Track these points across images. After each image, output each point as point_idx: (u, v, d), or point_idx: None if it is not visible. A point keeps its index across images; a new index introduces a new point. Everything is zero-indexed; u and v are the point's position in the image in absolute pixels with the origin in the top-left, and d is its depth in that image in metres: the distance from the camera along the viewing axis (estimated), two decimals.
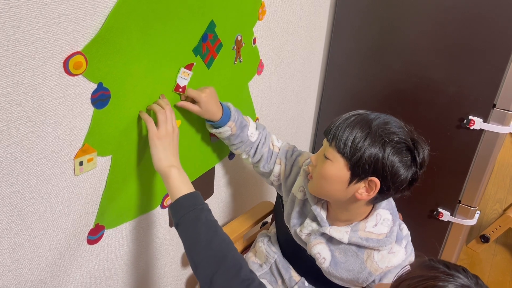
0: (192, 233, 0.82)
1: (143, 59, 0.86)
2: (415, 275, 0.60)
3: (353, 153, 0.86)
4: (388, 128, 0.87)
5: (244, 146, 1.10)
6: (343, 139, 0.87)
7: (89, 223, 0.90)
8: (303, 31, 1.45)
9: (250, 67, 1.24)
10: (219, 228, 0.84)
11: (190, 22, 0.94)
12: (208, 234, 0.82)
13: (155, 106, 0.91)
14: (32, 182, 0.74)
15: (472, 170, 1.48)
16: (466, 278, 0.58)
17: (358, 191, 0.89)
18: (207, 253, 0.79)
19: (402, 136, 0.86)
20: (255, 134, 1.11)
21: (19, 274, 0.79)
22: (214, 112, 1.01)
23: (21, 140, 0.70)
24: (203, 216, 0.84)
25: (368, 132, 0.86)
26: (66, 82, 0.73)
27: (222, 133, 1.05)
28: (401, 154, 0.86)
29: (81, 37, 0.73)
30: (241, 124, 1.07)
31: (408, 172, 0.87)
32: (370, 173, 0.87)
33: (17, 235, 0.75)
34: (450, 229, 1.63)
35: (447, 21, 1.38)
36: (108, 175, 0.89)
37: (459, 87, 1.42)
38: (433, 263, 0.61)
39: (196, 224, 0.82)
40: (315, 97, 1.76)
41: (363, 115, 0.90)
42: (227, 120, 1.04)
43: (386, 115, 0.91)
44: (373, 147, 0.85)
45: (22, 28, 0.64)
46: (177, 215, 0.84)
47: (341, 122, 0.90)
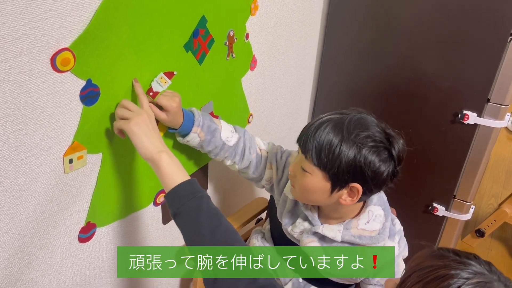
0: (194, 224, 0.77)
1: (133, 55, 0.85)
2: (425, 265, 0.58)
3: (330, 165, 0.85)
4: (361, 132, 0.84)
5: (222, 152, 1.03)
6: (317, 151, 0.85)
7: (80, 221, 0.89)
8: (296, 26, 1.44)
9: (243, 62, 1.23)
10: (222, 217, 0.79)
11: (181, 17, 0.93)
12: (211, 224, 0.77)
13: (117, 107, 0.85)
14: (21, 181, 0.74)
15: (467, 165, 1.48)
16: (479, 265, 0.56)
17: (341, 197, 0.89)
18: (211, 244, 0.75)
19: (377, 137, 0.85)
20: (233, 137, 1.04)
21: (9, 273, 0.78)
22: (178, 120, 0.94)
23: (8, 138, 0.69)
24: (204, 204, 0.79)
25: (342, 140, 0.84)
26: (54, 79, 0.72)
27: (190, 141, 0.98)
28: (379, 154, 0.84)
29: (69, 33, 0.72)
30: (210, 129, 0.99)
31: (387, 169, 0.86)
32: (350, 180, 0.86)
33: (6, 233, 0.75)
34: (445, 224, 1.63)
35: (441, 15, 1.37)
36: (98, 173, 0.88)
37: (454, 82, 1.41)
38: (443, 252, 0.60)
39: (198, 214, 0.77)
40: (310, 92, 1.75)
41: (334, 121, 0.86)
42: (190, 126, 0.96)
43: (358, 115, 0.88)
44: (349, 155, 0.83)
45: (8, 24, 0.63)
46: (175, 205, 0.79)
47: (312, 133, 0.86)
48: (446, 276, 0.55)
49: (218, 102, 1.17)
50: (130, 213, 1.01)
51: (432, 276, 0.56)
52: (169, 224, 1.16)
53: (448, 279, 0.54)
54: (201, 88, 1.09)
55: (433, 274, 0.56)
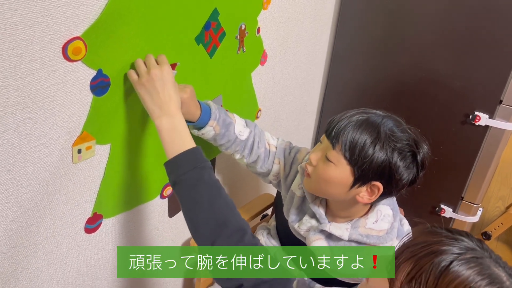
0: (193, 193, 0.75)
1: (144, 46, 0.84)
2: (418, 241, 0.59)
3: (361, 160, 0.85)
4: (395, 133, 0.85)
5: (234, 145, 1.03)
6: (351, 144, 0.85)
7: (87, 212, 0.89)
8: (308, 21, 1.43)
9: (253, 57, 1.22)
10: (222, 190, 0.78)
11: (193, 9, 0.92)
12: (211, 195, 0.76)
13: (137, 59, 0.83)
14: (29, 169, 0.73)
15: (476, 167, 1.46)
16: (471, 242, 0.57)
17: (359, 194, 0.88)
18: (209, 215, 0.74)
19: (408, 141, 0.86)
20: (245, 132, 1.04)
21: (15, 262, 0.78)
22: (193, 112, 0.93)
23: (18, 126, 0.69)
24: (206, 175, 0.77)
25: (377, 138, 0.84)
26: (65, 68, 0.72)
27: (205, 134, 0.97)
28: (405, 159, 0.86)
29: (81, 22, 0.71)
30: (225, 122, 0.98)
31: (410, 175, 0.87)
32: (375, 178, 0.86)
33: (13, 222, 0.74)
34: (451, 226, 1.61)
35: (454, 14, 1.35)
36: (106, 164, 0.88)
37: (465, 82, 1.40)
38: (436, 228, 0.61)
39: (197, 184, 0.76)
40: (319, 89, 1.74)
41: (369, 117, 0.87)
42: (207, 119, 0.95)
43: (391, 117, 0.89)
44: (382, 154, 0.84)
45: (20, 11, 0.62)
46: (175, 173, 0.77)
47: (346, 124, 0.86)
48: (438, 251, 0.56)
49: (227, 96, 1.16)
50: (137, 205, 1.01)
51: (425, 252, 0.57)
52: (175, 217, 1.16)
53: (441, 254, 0.55)
54: (211, 81, 1.08)
55: (426, 250, 0.57)
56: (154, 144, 0.97)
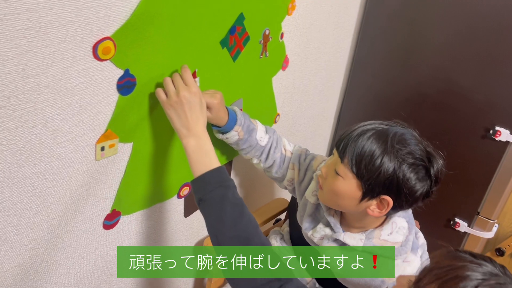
0: (217, 212, 0.78)
1: (171, 48, 0.85)
2: (442, 265, 0.59)
3: (367, 175, 0.83)
4: (404, 147, 0.83)
5: (254, 150, 1.05)
6: (357, 158, 0.84)
7: (106, 208, 0.90)
8: (331, 28, 1.43)
9: (275, 62, 1.22)
10: (245, 209, 0.81)
11: (220, 13, 0.93)
12: (234, 214, 0.78)
13: (165, 78, 0.85)
14: (54, 164, 0.75)
15: (494, 182, 1.44)
16: (494, 267, 0.57)
17: (369, 207, 0.88)
18: (232, 234, 0.77)
19: (418, 155, 0.83)
20: (265, 138, 1.06)
21: (36, 254, 0.79)
22: (221, 117, 0.96)
23: (46, 122, 0.70)
24: (230, 194, 0.80)
25: (384, 152, 0.82)
26: (94, 66, 0.73)
27: (229, 138, 1.00)
28: (417, 172, 0.83)
29: (112, 22, 0.72)
30: (249, 128, 1.02)
31: (423, 188, 0.85)
32: (383, 192, 0.85)
33: (36, 215, 0.76)
34: (466, 240, 1.60)
35: (479, 26, 1.34)
36: (128, 162, 0.89)
37: (487, 96, 1.38)
38: (459, 253, 0.61)
39: (222, 203, 0.79)
40: (338, 96, 1.73)
41: (378, 130, 0.85)
42: (233, 124, 0.99)
43: (403, 129, 0.87)
44: (388, 168, 0.82)
45: (55, 10, 0.63)
46: (201, 191, 0.81)
47: (354, 138, 0.85)
48: (463, 276, 0.56)
49: (247, 99, 1.17)
50: (154, 204, 1.02)
51: (449, 276, 0.57)
52: (190, 217, 1.17)
53: (465, 280, 0.56)
54: (233, 85, 1.08)
55: (451, 274, 0.57)
56: (174, 145, 0.98)
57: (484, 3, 1.31)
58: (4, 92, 0.62)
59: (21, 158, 0.69)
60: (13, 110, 0.65)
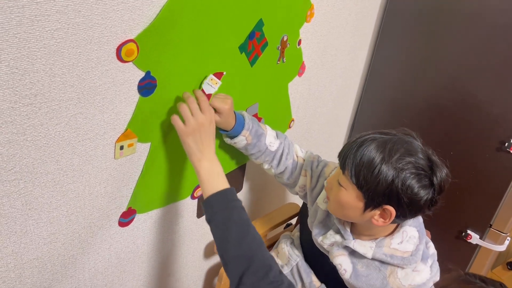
0: (223, 232, 0.82)
1: (191, 52, 0.87)
2: None
3: (366, 185, 0.84)
4: (404, 156, 0.82)
5: (263, 156, 1.06)
6: (356, 169, 0.84)
7: (122, 206, 0.92)
8: (348, 36, 1.44)
9: (292, 68, 1.23)
10: (251, 228, 0.84)
11: (240, 19, 0.95)
12: (239, 233, 0.82)
13: (181, 104, 0.88)
14: (75, 161, 0.77)
15: (508, 195, 1.43)
16: None
17: (374, 217, 0.88)
18: (236, 252, 0.80)
19: (419, 164, 0.83)
20: (275, 143, 1.07)
21: (53, 248, 0.82)
22: (229, 122, 0.98)
23: (69, 120, 0.72)
24: (235, 214, 0.83)
25: (382, 161, 0.82)
26: (117, 68, 0.75)
27: (237, 143, 1.02)
28: (419, 180, 0.82)
29: (136, 25, 0.74)
30: (257, 133, 1.03)
31: (425, 196, 0.83)
32: (384, 202, 0.84)
33: (56, 210, 0.78)
34: (477, 253, 1.58)
35: (496, 39, 1.33)
36: (145, 161, 0.91)
37: (504, 109, 1.37)
38: (470, 277, 0.61)
39: (227, 223, 0.82)
40: (353, 104, 1.74)
41: (378, 141, 0.85)
42: (240, 129, 1.00)
43: (404, 138, 0.86)
44: (387, 177, 0.82)
45: (83, 13, 0.66)
46: (208, 212, 0.85)
47: (353, 149, 0.86)
48: None
49: (263, 104, 1.18)
50: (169, 203, 1.04)
51: None
52: (202, 218, 1.18)
53: None
54: (249, 89, 1.10)
55: None
56: None
57: (501, 15, 1.30)
58: (31, 90, 0.65)
59: (44, 154, 0.71)
60: (39, 107, 0.67)
